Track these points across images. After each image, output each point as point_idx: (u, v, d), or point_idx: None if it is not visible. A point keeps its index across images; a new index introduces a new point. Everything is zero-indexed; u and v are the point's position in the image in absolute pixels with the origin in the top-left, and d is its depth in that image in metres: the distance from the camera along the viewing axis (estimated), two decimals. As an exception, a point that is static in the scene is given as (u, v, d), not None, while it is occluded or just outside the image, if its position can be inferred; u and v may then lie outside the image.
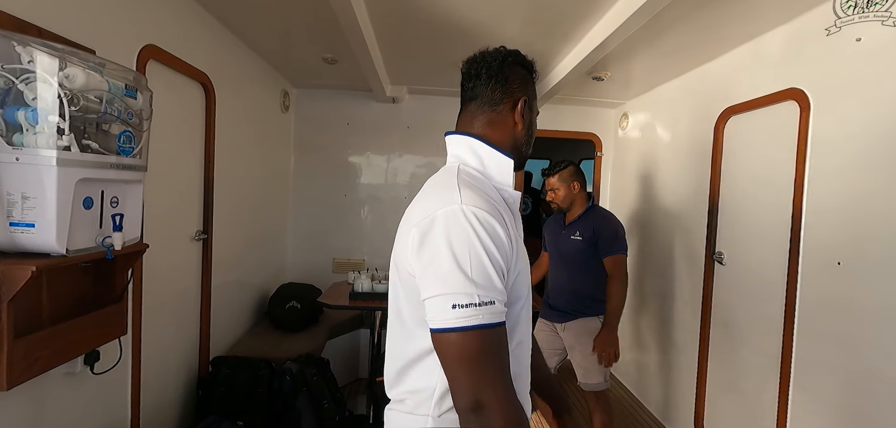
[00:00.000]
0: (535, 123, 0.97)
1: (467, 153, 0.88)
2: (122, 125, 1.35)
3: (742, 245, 2.30)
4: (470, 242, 0.70)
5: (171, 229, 2.08)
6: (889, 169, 1.56)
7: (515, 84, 0.91)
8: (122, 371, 1.70)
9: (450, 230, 0.71)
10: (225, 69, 2.43)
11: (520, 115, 0.91)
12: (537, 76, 0.99)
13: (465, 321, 0.68)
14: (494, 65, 0.91)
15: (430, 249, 0.72)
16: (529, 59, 0.97)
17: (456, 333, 0.68)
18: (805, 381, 1.89)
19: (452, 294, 0.68)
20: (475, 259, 0.69)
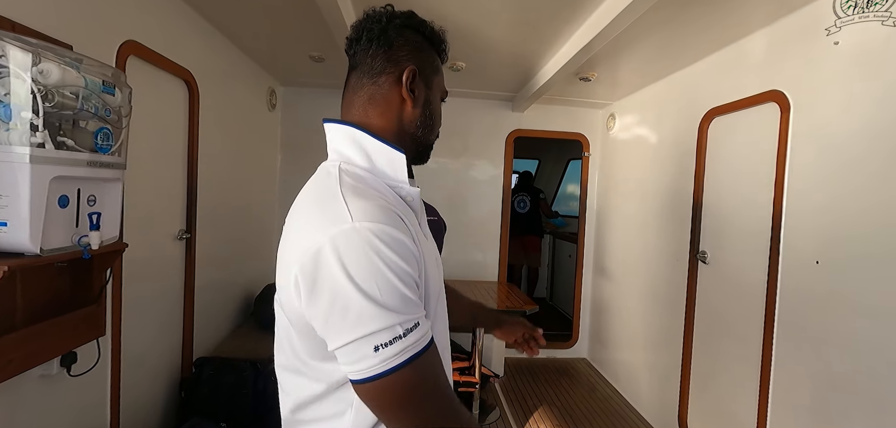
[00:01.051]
0: (434, 104, 0.79)
1: (350, 147, 0.73)
2: (100, 122, 1.33)
3: (725, 244, 2.33)
4: (375, 267, 0.57)
5: (154, 228, 2.05)
6: (865, 170, 1.60)
7: (403, 51, 0.74)
8: (101, 373, 1.67)
9: (346, 259, 0.57)
10: (209, 67, 2.40)
11: (407, 91, 0.73)
12: (446, 49, 0.81)
13: (394, 361, 0.57)
14: (377, 26, 0.73)
15: (327, 290, 0.57)
16: (434, 27, 0.78)
17: (386, 378, 0.57)
18: (785, 377, 1.92)
19: (371, 335, 0.56)
20: (385, 285, 0.57)
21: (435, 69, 0.79)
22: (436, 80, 0.79)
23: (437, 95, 0.80)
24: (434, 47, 0.80)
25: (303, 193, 0.71)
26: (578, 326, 4.06)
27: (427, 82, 0.77)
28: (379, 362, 0.57)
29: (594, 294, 3.97)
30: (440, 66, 0.80)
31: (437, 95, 0.80)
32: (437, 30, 0.80)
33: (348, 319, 0.57)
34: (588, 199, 3.99)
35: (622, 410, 3.12)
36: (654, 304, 2.98)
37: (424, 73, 0.76)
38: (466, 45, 2.53)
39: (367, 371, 0.57)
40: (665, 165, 2.89)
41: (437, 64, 0.80)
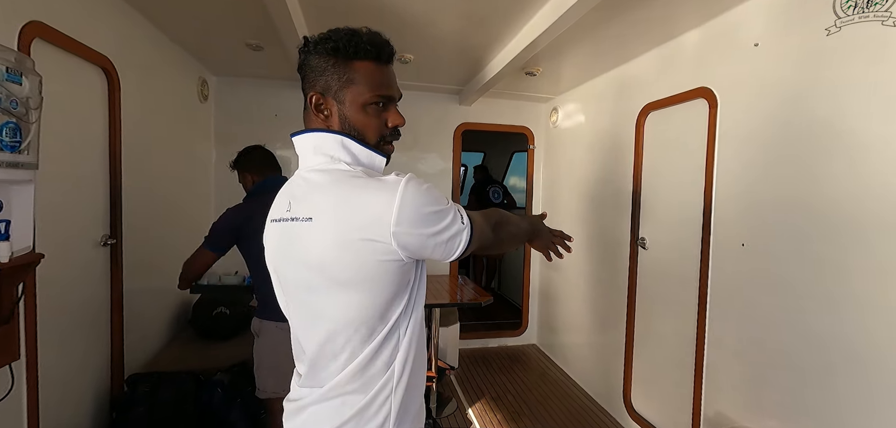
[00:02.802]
0: (352, 114, 0.82)
1: (339, 150, 0.82)
2: (5, 115, 1.15)
3: (662, 230, 2.50)
4: (433, 191, 0.78)
5: (71, 235, 1.83)
6: (783, 159, 1.77)
7: (308, 80, 0.84)
8: (15, 401, 1.47)
9: (421, 192, 0.76)
10: (130, 53, 2.17)
11: (315, 114, 0.83)
12: (365, 47, 0.82)
13: (469, 218, 0.82)
14: (300, 58, 0.85)
15: (422, 211, 0.75)
16: (354, 34, 0.81)
17: (472, 226, 0.82)
18: (717, 353, 2.11)
19: (457, 214, 0.80)
20: (442, 197, 0.80)
21: (346, 82, 0.82)
22: (349, 92, 0.82)
23: (353, 106, 0.82)
24: (349, 58, 0.81)
25: (327, 189, 0.78)
26: (528, 314, 4.20)
27: (338, 98, 0.82)
28: (468, 222, 0.80)
29: (542, 282, 4.12)
30: (357, 76, 0.82)
31: (355, 105, 0.82)
32: (355, 38, 0.81)
33: (443, 215, 0.77)
34: (534, 191, 4.12)
35: (572, 392, 3.27)
36: (598, 288, 3.14)
37: (330, 91, 0.82)
38: (415, 37, 2.49)
39: (466, 228, 0.80)
40: (606, 157, 3.05)
41: (352, 75, 0.82)
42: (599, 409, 3.02)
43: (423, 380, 0.89)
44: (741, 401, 1.97)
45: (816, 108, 1.65)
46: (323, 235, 0.75)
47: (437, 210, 0.76)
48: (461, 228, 0.79)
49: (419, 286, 0.85)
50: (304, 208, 0.79)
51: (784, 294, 1.76)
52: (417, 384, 0.86)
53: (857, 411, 1.51)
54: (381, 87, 0.83)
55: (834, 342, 1.57)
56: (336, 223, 0.75)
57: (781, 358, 1.77)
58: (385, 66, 0.84)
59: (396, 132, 0.87)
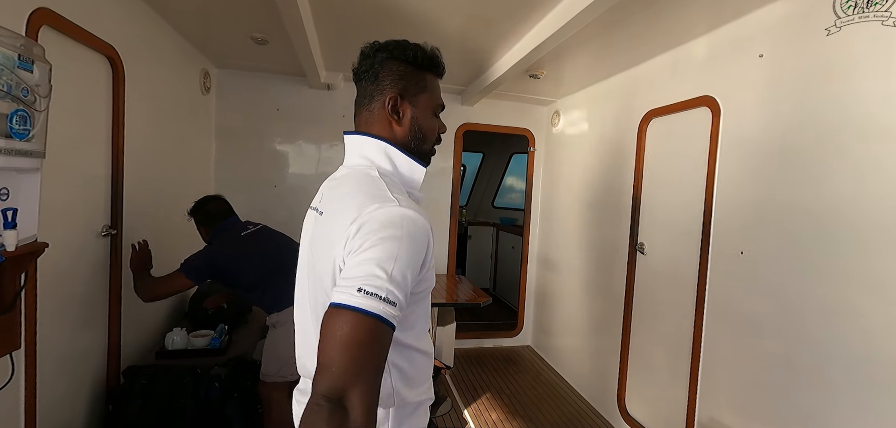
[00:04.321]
0: (422, 119, 0.92)
1: (379, 156, 0.89)
2: (14, 103, 1.14)
3: (661, 236, 2.53)
4: (396, 241, 0.73)
5: (72, 225, 1.81)
6: (784, 169, 1.80)
7: (388, 80, 0.90)
8: (14, 391, 1.45)
9: (385, 224, 0.74)
10: (135, 43, 2.15)
11: (390, 114, 0.89)
12: (434, 65, 0.94)
13: (363, 304, 0.68)
14: (367, 62, 0.91)
15: (365, 238, 0.73)
16: (424, 49, 0.92)
17: (352, 313, 0.68)
18: (712, 358, 2.14)
19: (366, 278, 0.70)
20: (394, 258, 0.72)
21: (420, 88, 0.91)
22: (422, 98, 0.92)
23: (424, 111, 0.92)
24: (421, 68, 0.92)
25: (350, 188, 0.84)
26: (523, 315, 4.22)
27: (413, 102, 0.91)
28: (358, 299, 0.69)
29: (538, 284, 4.14)
30: (428, 84, 0.93)
31: (426, 110, 0.93)
32: (426, 51, 0.92)
33: (363, 263, 0.71)
34: (533, 193, 4.13)
35: (566, 394, 3.29)
36: (595, 292, 3.16)
37: (408, 94, 0.90)
38: (420, 36, 2.46)
39: (344, 299, 0.69)
40: (606, 162, 3.07)
41: (424, 83, 0.92)
42: (593, 411, 3.05)
43: (423, 395, 0.92)
44: (736, 406, 2.00)
45: (818, 119, 1.67)
46: (326, 230, 0.83)
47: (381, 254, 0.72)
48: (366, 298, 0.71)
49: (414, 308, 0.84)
50: (324, 202, 0.89)
51: (782, 302, 1.79)
52: (416, 401, 0.90)
53: (852, 419, 1.54)
54: (440, 99, 0.96)
55: (831, 350, 1.60)
56: (332, 221, 0.81)
57: (777, 365, 1.80)
58: (440, 79, 0.97)
59: (440, 139, 0.98)
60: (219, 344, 2.45)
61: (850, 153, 1.56)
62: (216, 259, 2.04)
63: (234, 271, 2.05)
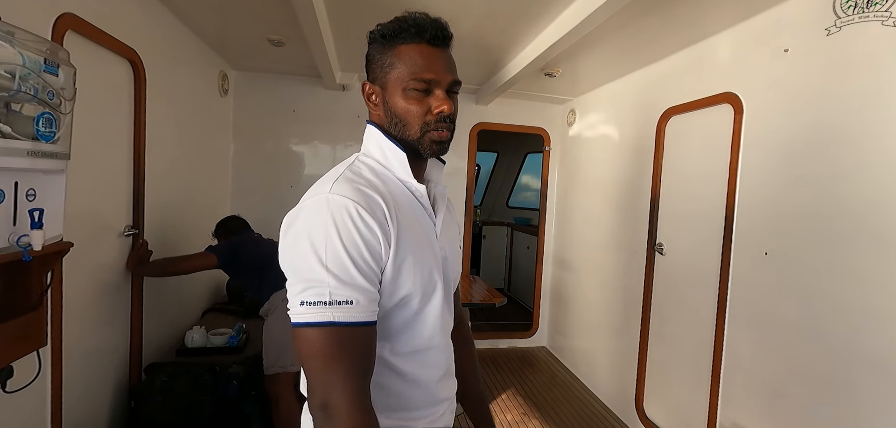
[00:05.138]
0: (393, 102, 0.78)
1: (371, 143, 0.83)
2: (41, 106, 1.17)
3: (681, 236, 2.48)
4: (328, 232, 0.66)
5: (96, 225, 1.85)
6: (808, 168, 1.75)
7: (367, 68, 0.84)
8: (41, 387, 1.49)
9: (310, 220, 0.67)
10: (155, 46, 2.19)
11: (367, 100, 0.83)
12: (409, 28, 0.78)
13: (311, 318, 0.65)
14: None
15: (292, 241, 0.69)
16: (403, 17, 0.78)
17: (303, 329, 0.65)
18: (734, 361, 2.08)
19: (304, 290, 0.66)
20: (331, 251, 0.65)
21: (389, 67, 0.78)
22: (391, 78, 0.78)
23: (396, 91, 0.78)
24: (390, 41, 0.78)
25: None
26: (538, 316, 4.18)
27: (383, 85, 0.80)
28: (301, 312, 0.65)
29: (553, 284, 4.10)
30: (397, 58, 0.77)
31: (397, 89, 0.77)
32: (396, 19, 0.78)
33: (297, 269, 0.67)
34: (548, 193, 4.10)
35: (582, 396, 3.25)
36: (612, 293, 3.11)
37: (378, 79, 0.80)
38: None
39: (293, 317, 0.66)
40: (624, 161, 3.02)
41: (392, 60, 0.78)
42: (610, 414, 3.00)
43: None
44: (759, 411, 1.94)
45: (844, 114, 1.61)
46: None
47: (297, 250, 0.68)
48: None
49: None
50: None
51: (807, 304, 1.73)
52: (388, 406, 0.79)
53: (879, 425, 1.48)
54: (421, 71, 0.76)
55: (857, 354, 1.55)
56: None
57: (803, 369, 1.74)
58: (432, 48, 0.78)
59: (443, 120, 0.78)
60: (237, 342, 2.48)
61: (872, 152, 1.51)
62: (233, 244, 2.30)
63: (247, 256, 2.26)
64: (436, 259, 0.81)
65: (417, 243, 0.76)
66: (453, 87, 0.80)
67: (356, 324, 0.66)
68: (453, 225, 0.94)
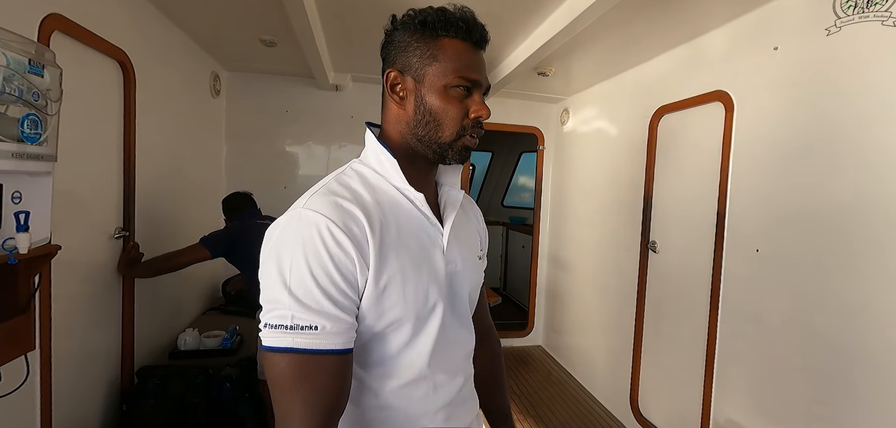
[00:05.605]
0: (430, 98, 0.71)
1: (368, 149, 0.77)
2: (26, 107, 1.16)
3: (674, 234, 2.49)
4: (295, 253, 0.60)
5: (86, 228, 1.83)
6: (800, 165, 1.76)
7: (390, 57, 0.75)
8: (30, 391, 1.48)
9: (280, 238, 0.63)
10: (146, 47, 2.17)
11: (389, 93, 0.74)
12: (454, 23, 0.71)
13: (271, 342, 0.60)
14: (384, 41, 0.77)
15: (264, 255, 0.64)
16: (444, 9, 0.71)
17: (267, 352, 0.60)
18: (727, 358, 2.09)
19: (267, 312, 0.61)
20: (296, 273, 0.60)
21: (429, 59, 0.71)
22: (430, 72, 0.71)
23: (434, 87, 0.71)
24: (433, 32, 0.71)
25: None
26: (534, 315, 4.19)
27: (418, 77, 0.72)
28: (265, 335, 0.60)
29: (548, 283, 4.10)
30: (441, 52, 0.71)
31: (438, 85, 0.71)
32: (442, 9, 0.71)
33: (264, 289, 0.62)
34: (543, 192, 4.10)
35: (577, 394, 3.26)
36: (606, 291, 3.12)
37: (411, 69, 0.72)
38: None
39: (261, 338, 0.61)
40: (617, 159, 3.03)
41: (434, 52, 0.71)
42: (605, 412, 3.01)
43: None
44: (752, 407, 1.95)
45: (832, 112, 1.63)
46: None
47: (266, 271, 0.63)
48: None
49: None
50: None
51: (799, 300, 1.74)
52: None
53: (871, 420, 1.49)
54: (466, 70, 0.71)
55: (849, 349, 1.56)
56: None
57: (795, 364, 1.75)
58: (475, 48, 0.73)
59: (478, 125, 0.73)
60: (230, 344, 2.47)
61: (863, 150, 1.52)
62: (231, 232, 2.25)
63: (242, 247, 2.18)
64: (435, 276, 0.73)
65: (410, 260, 0.69)
66: (487, 91, 0.76)
67: (320, 352, 0.60)
68: (471, 232, 0.86)
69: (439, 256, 0.74)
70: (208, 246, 2.14)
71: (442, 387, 0.74)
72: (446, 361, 0.75)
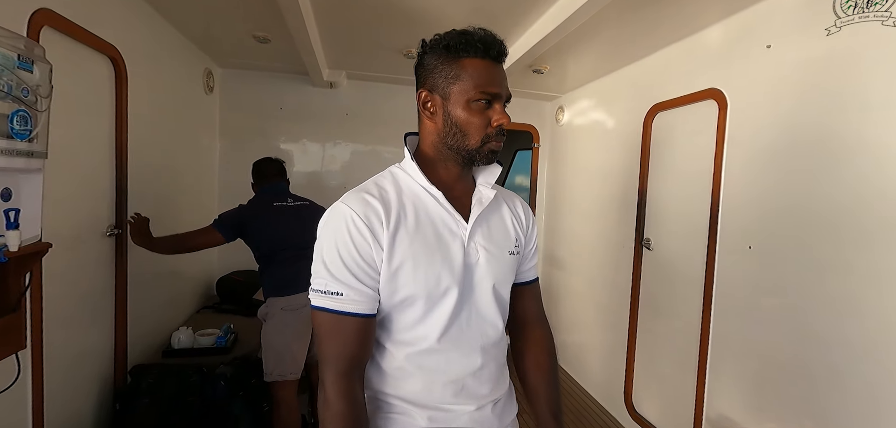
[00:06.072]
0: (456, 112, 0.83)
1: (405, 154, 0.91)
2: (15, 103, 1.14)
3: (668, 231, 2.50)
4: (330, 236, 0.79)
5: (77, 225, 1.82)
6: (791, 163, 1.77)
7: (422, 75, 0.88)
8: (21, 390, 1.46)
9: (323, 228, 0.81)
10: (137, 43, 2.15)
11: (422, 110, 0.88)
12: (473, 42, 0.82)
13: (313, 302, 0.79)
14: (416, 59, 0.90)
15: (316, 241, 0.82)
16: (465, 32, 0.83)
17: (312, 310, 0.80)
18: (720, 354, 2.11)
19: (313, 277, 0.80)
20: (330, 251, 0.78)
21: (453, 78, 0.83)
22: (454, 89, 0.83)
23: (459, 102, 0.83)
24: (455, 54, 0.83)
25: None
26: (529, 312, 4.19)
27: (444, 94, 0.84)
28: (311, 297, 0.80)
29: (543, 280, 4.08)
30: (463, 71, 0.82)
31: (461, 100, 0.83)
32: (461, 32, 0.83)
33: (313, 263, 0.81)
34: (538, 189, 4.11)
35: (572, 390, 3.27)
36: (601, 288, 3.14)
37: (438, 88, 0.85)
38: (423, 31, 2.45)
39: (310, 299, 0.81)
40: (612, 157, 3.04)
41: (457, 72, 0.82)
42: (599, 408, 3.03)
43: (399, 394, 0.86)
44: (744, 402, 1.97)
45: (824, 111, 1.64)
46: None
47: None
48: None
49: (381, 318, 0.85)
50: None
51: (790, 297, 1.76)
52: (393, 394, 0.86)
53: (861, 415, 1.51)
54: (486, 85, 0.82)
55: (839, 346, 1.57)
56: None
57: (786, 360, 1.77)
58: (494, 64, 0.84)
59: (501, 132, 0.85)
60: (224, 342, 2.46)
61: (858, 149, 1.53)
62: (243, 214, 2.14)
63: (254, 232, 2.11)
64: (450, 263, 0.83)
65: (424, 246, 0.81)
66: (508, 100, 0.87)
67: (343, 313, 0.77)
68: (504, 229, 0.94)
69: (458, 247, 0.85)
70: (222, 230, 2.07)
71: (454, 363, 0.85)
72: (461, 341, 0.86)
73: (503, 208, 0.97)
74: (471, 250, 0.86)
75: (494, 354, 0.92)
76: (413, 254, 0.80)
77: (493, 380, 0.92)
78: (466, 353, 0.86)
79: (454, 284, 0.83)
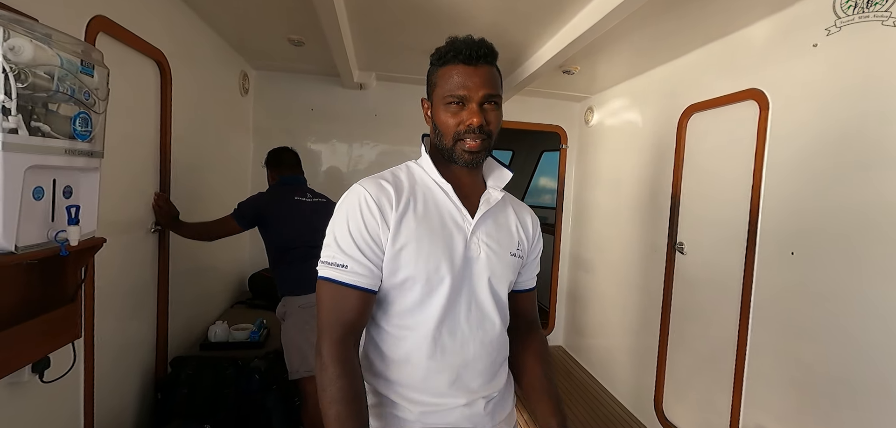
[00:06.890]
0: (436, 114, 0.92)
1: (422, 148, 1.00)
2: (77, 106, 1.21)
3: (703, 236, 2.44)
4: (343, 212, 0.86)
5: (125, 222, 1.90)
6: (837, 166, 1.70)
7: (426, 85, 0.98)
8: (75, 378, 1.54)
9: (339, 205, 0.89)
10: (180, 46, 2.23)
11: (424, 112, 0.98)
12: (449, 51, 0.89)
13: (320, 271, 0.85)
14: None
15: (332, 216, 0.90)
16: (452, 40, 0.90)
17: (319, 279, 0.85)
18: (758, 363, 2.04)
19: (324, 248, 0.86)
20: (341, 226, 0.85)
21: (433, 84, 0.93)
22: (436, 95, 0.92)
23: (439, 105, 0.91)
24: (438, 63, 0.92)
25: None
26: (554, 315, 4.16)
27: (432, 100, 0.94)
28: (319, 267, 0.86)
29: (570, 283, 4.07)
30: (439, 77, 0.91)
31: (440, 105, 0.91)
32: (451, 41, 0.90)
33: (325, 236, 0.88)
34: (565, 191, 4.07)
35: (599, 395, 3.23)
36: (631, 293, 3.08)
37: (430, 95, 0.96)
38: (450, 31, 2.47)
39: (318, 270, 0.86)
40: (644, 159, 2.98)
41: (435, 78, 0.92)
42: (628, 414, 2.98)
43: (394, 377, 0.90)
44: (784, 413, 1.90)
45: (876, 111, 1.57)
46: None
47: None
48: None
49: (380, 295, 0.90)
50: None
51: (835, 305, 1.69)
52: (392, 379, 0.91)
53: (916, 433, 1.44)
54: (456, 87, 0.88)
55: (890, 358, 1.50)
56: None
57: (831, 372, 1.70)
58: (469, 67, 0.87)
59: (472, 131, 0.87)
60: (257, 337, 2.52)
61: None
62: (259, 204, 2.17)
63: (270, 225, 2.16)
64: (450, 254, 0.88)
65: (428, 231, 0.87)
66: (488, 100, 0.88)
67: (344, 284, 0.83)
68: (507, 231, 0.98)
69: (460, 240, 0.90)
70: (239, 219, 2.14)
71: (449, 351, 0.88)
72: (458, 331, 0.89)
73: (510, 212, 1.01)
74: (473, 244, 0.91)
75: (491, 351, 0.94)
76: (417, 237, 0.85)
77: (488, 376, 0.94)
78: (463, 343, 0.90)
79: (450, 274, 0.87)
